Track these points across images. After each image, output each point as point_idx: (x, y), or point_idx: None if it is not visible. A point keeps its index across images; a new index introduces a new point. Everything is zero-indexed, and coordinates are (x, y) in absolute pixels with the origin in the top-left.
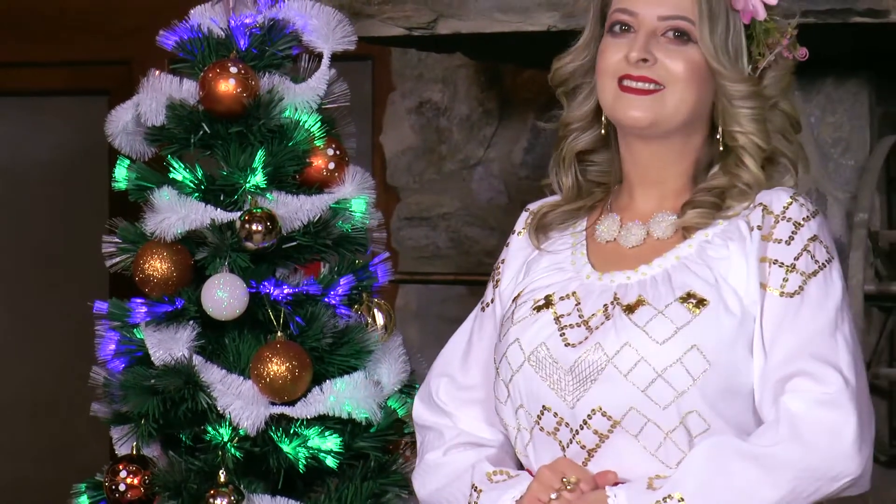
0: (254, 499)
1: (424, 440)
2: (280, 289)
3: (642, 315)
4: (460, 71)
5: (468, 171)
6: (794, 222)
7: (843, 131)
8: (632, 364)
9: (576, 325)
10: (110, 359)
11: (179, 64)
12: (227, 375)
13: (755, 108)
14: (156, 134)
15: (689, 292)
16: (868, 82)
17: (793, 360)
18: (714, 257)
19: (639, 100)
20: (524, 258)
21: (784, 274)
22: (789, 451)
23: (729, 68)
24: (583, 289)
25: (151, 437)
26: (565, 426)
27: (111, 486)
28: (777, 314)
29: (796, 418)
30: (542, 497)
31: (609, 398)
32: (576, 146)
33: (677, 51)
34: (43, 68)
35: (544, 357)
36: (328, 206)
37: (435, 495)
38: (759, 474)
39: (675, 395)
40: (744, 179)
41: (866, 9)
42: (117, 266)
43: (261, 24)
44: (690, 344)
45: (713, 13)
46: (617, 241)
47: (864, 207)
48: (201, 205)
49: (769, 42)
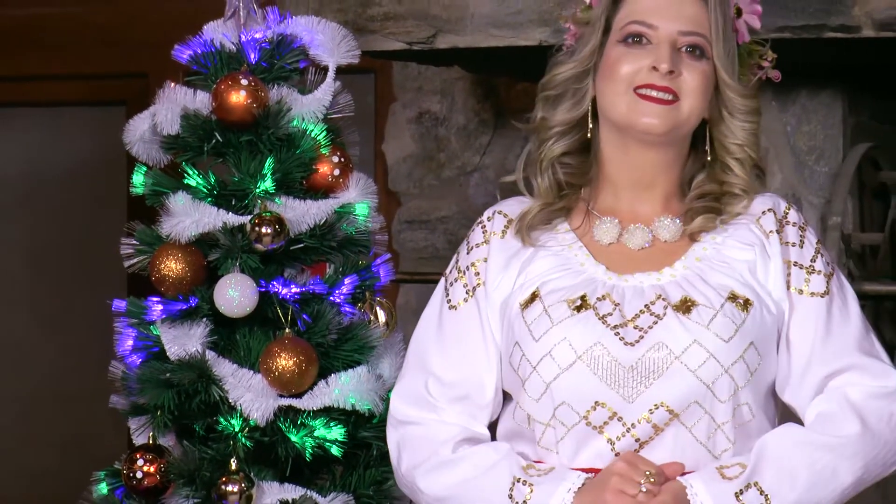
0: (263, 486)
1: (407, 435)
2: (288, 288)
3: (701, 315)
4: (458, 83)
5: (465, 177)
6: (799, 226)
7: (818, 140)
8: (701, 361)
9: (624, 325)
10: (128, 354)
11: (193, 76)
12: (238, 369)
13: (754, 122)
14: (171, 142)
15: (732, 293)
16: (841, 93)
17: (840, 357)
18: (736, 259)
19: (658, 108)
20: (508, 258)
21: (805, 275)
22: (861, 441)
23: (736, 84)
24: (614, 290)
25: (167, 428)
26: (618, 420)
27: (129, 473)
28: (809, 314)
29: (862, 410)
30: (629, 490)
31: (673, 393)
32: (555, 150)
33: (694, 65)
34: (64, 81)
35: (601, 355)
36: (333, 210)
37: (458, 489)
38: (835, 463)
39: (735, 389)
40: (737, 184)
41: (839, 24)
42: (135, 266)
43: (270, 39)
44: (749, 341)
45: (727, 32)
46: (621, 242)
47: (838, 211)
48: (214, 209)
49: (751, 63)
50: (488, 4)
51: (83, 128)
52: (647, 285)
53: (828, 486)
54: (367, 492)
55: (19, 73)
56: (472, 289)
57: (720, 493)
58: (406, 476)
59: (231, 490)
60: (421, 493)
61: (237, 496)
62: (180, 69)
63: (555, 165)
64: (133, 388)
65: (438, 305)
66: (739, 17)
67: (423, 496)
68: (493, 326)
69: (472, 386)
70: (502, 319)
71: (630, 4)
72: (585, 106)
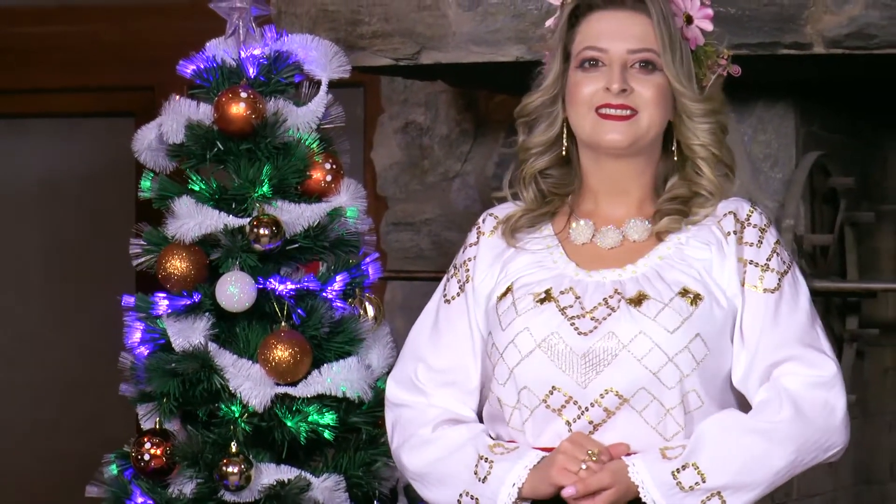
0: (261, 467)
1: (400, 417)
2: (284, 285)
3: (650, 308)
4: (441, 96)
5: (447, 182)
6: (759, 228)
7: (772, 148)
8: (646, 350)
9: (581, 317)
10: (136, 345)
11: (197, 90)
12: (238, 360)
13: (712, 122)
14: (176, 150)
15: (684, 288)
16: (793, 106)
17: (782, 348)
18: (695, 257)
19: (618, 124)
20: (494, 256)
21: (760, 272)
22: (793, 427)
23: (689, 90)
24: (579, 285)
25: (172, 414)
26: (573, 404)
27: (137, 456)
28: (759, 308)
29: (796, 397)
30: (571, 467)
31: (622, 379)
32: (536, 166)
33: (646, 79)
34: (77, 93)
35: (557, 344)
36: (326, 213)
37: (431, 466)
38: (768, 446)
39: (680, 377)
40: (705, 187)
41: (792, 42)
42: (142, 265)
43: (267, 55)
44: (694, 333)
45: (673, 42)
46: (594, 242)
47: (791, 214)
48: (215, 212)
49: (709, 63)
50: (469, 23)
51: (95, 137)
52: (609, 280)
53: (761, 468)
54: (356, 473)
55: (36, 86)
56: (463, 284)
57: (659, 472)
58: (395, 453)
59: (232, 471)
60: (405, 469)
61: (237, 476)
62: (184, 83)
63: (538, 179)
64: (141, 377)
65: (437, 299)
66: (691, 24)
67: (407, 472)
68: (479, 318)
69: (460, 373)
70: (485, 312)
71: (583, 31)
72: (558, 127)
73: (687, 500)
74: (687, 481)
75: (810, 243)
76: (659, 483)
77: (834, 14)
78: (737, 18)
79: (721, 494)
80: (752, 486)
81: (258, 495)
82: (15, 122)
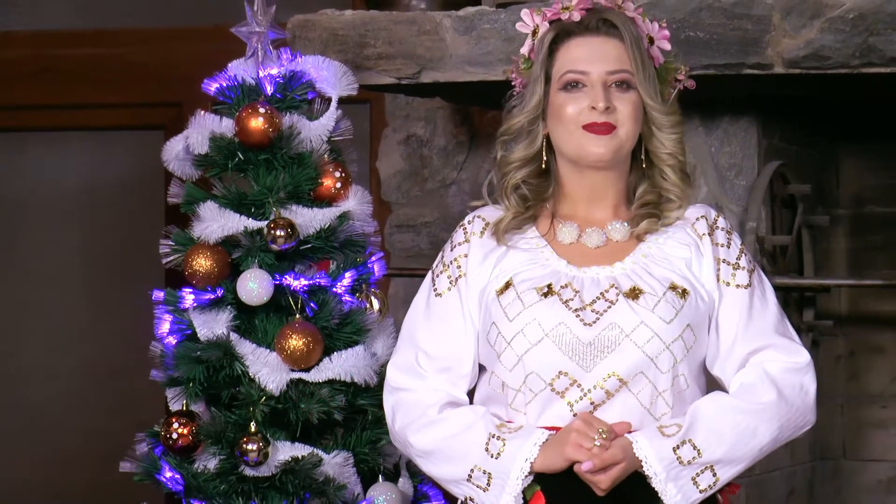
0: (277, 445)
1: (401, 400)
2: (298, 281)
3: (648, 301)
4: (439, 111)
5: (444, 189)
6: (726, 231)
7: (737, 158)
8: (647, 338)
9: (583, 309)
10: (165, 336)
11: (220, 105)
12: (257, 348)
13: (678, 133)
14: (201, 160)
15: (672, 283)
16: (756, 120)
17: (759, 337)
18: (676, 256)
19: (602, 139)
20: (485, 254)
21: (732, 270)
22: (777, 408)
23: (658, 104)
24: (575, 280)
25: (197, 397)
26: (577, 387)
27: (166, 434)
28: (735, 302)
29: (778, 381)
30: (585, 444)
31: (623, 364)
32: (517, 177)
33: (624, 97)
34: (112, 109)
35: (565, 333)
36: (335, 217)
37: (442, 444)
38: (756, 424)
39: (674, 362)
40: (672, 191)
41: (755, 63)
42: (171, 263)
43: (283, 75)
44: (686, 323)
45: (644, 63)
46: (580, 242)
47: (754, 218)
48: (236, 215)
49: (669, 79)
50: (464, 46)
51: (128, 148)
52: (603, 276)
53: (749, 444)
54: (363, 450)
55: (75, 102)
56: (455, 279)
57: (661, 448)
58: (399, 433)
59: (251, 448)
60: (411, 447)
61: (256, 453)
62: (209, 99)
63: (519, 188)
64: (169, 363)
65: (426, 294)
66: (652, 44)
67: (413, 450)
68: (472, 310)
69: (454, 359)
70: (480, 304)
71: (563, 56)
72: (538, 144)
73: (683, 473)
74: (685, 456)
75: (771, 244)
76: (660, 458)
77: (792, 38)
78: (705, 42)
79: (713, 468)
80: (740, 459)
81: (275, 470)
82: (57, 134)
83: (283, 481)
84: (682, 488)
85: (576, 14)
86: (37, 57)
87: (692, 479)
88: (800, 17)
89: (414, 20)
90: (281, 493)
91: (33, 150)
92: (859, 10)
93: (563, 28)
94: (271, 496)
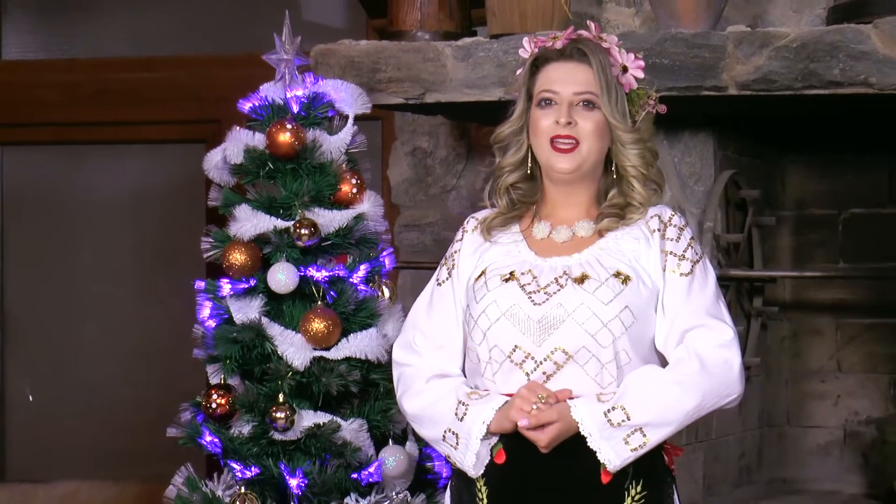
0: (302, 413)
1: (402, 373)
2: (320, 272)
3: (590, 285)
4: (441, 127)
5: (446, 194)
6: (678, 227)
7: (696, 167)
8: (586, 317)
9: (537, 291)
10: (205, 319)
11: (253, 122)
12: (284, 330)
13: (640, 149)
14: (237, 169)
15: (617, 271)
16: (713, 135)
17: (693, 318)
18: (628, 248)
19: (566, 156)
20: (474, 249)
21: (678, 261)
22: (700, 378)
23: (622, 124)
24: (535, 268)
25: (233, 372)
26: (531, 359)
27: (206, 404)
28: (676, 287)
29: (703, 355)
30: (525, 407)
31: (568, 340)
32: (507, 181)
33: (587, 115)
34: (159, 125)
35: (517, 312)
36: (352, 218)
37: (424, 410)
38: (681, 393)
39: (612, 339)
40: (636, 199)
41: (712, 85)
42: (211, 257)
43: (307, 96)
44: (624, 305)
45: (609, 87)
46: (550, 238)
47: (711, 219)
48: (267, 216)
49: (641, 103)
50: (462, 71)
51: (174, 159)
52: (560, 264)
53: (675, 409)
54: (376, 418)
55: (127, 119)
56: (450, 271)
57: (594, 411)
58: (399, 401)
59: (280, 416)
60: (406, 413)
61: (284, 420)
62: (243, 117)
63: (510, 190)
64: (209, 343)
65: (432, 283)
66: (626, 72)
67: (407, 415)
68: (460, 296)
69: (447, 339)
70: (465, 290)
71: (541, 77)
72: (524, 151)
73: (616, 434)
74: (616, 419)
75: (725, 241)
76: (594, 420)
77: (744, 64)
78: (669, 67)
79: (643, 430)
80: (667, 423)
81: (300, 435)
82: (112, 147)
83: (307, 444)
84: (615, 447)
85: (559, 43)
86: (96, 80)
87: (623, 440)
88: (750, 46)
89: (419, 49)
90: (305, 455)
91: (92, 161)
92: (801, 40)
93: (545, 54)
94: (297, 457)
